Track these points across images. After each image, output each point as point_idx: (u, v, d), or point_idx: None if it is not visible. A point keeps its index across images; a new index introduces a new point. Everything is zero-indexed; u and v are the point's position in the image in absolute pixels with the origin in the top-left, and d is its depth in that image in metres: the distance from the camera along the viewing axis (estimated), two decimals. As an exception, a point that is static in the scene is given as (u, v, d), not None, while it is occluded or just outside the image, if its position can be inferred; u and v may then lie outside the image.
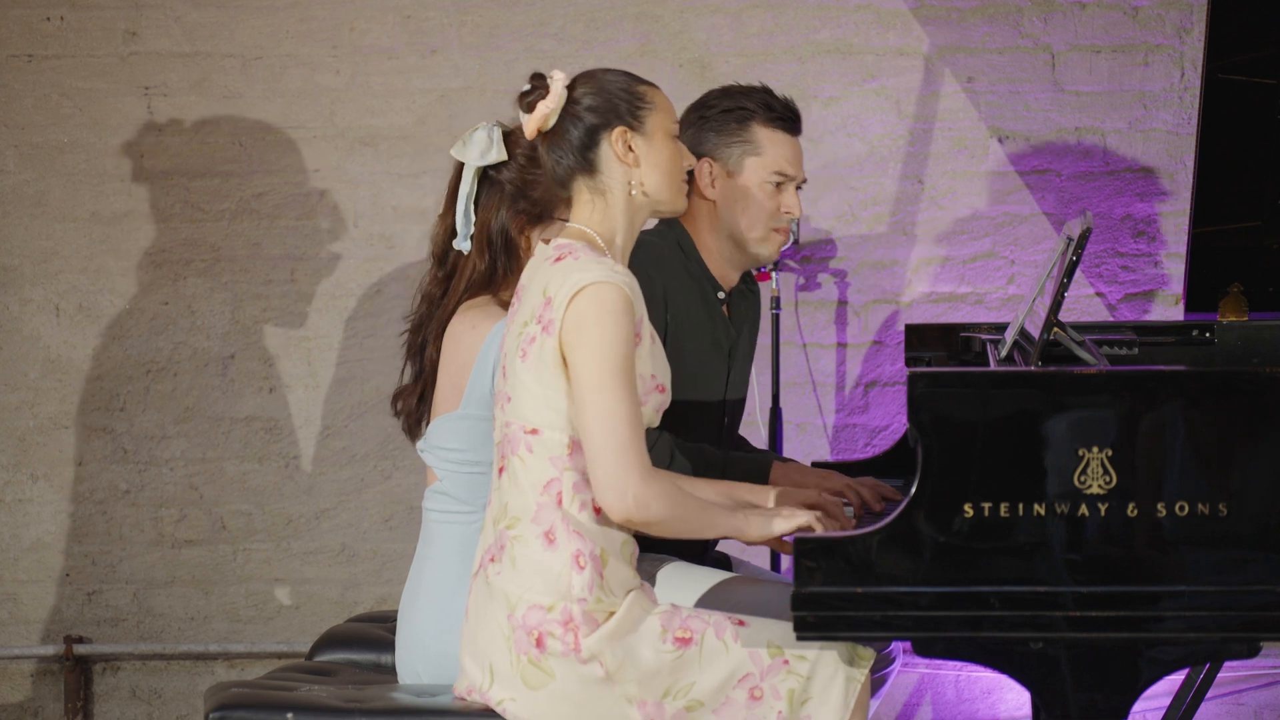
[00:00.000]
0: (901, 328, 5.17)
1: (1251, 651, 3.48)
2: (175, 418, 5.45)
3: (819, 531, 3.51)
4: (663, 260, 4.09)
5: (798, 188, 4.18)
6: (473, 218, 3.82)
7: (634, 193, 3.61)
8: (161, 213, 5.43)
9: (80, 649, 5.45)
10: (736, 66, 5.34)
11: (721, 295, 4.17)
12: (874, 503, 3.98)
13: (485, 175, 3.82)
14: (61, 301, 5.44)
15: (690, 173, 4.13)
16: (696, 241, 4.15)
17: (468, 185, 3.81)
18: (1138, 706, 3.57)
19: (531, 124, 3.61)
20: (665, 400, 3.64)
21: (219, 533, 5.46)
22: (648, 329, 3.56)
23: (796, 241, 5.10)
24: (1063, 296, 3.81)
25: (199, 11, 5.41)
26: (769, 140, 4.12)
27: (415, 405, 3.94)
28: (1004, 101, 5.37)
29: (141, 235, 5.44)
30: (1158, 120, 5.36)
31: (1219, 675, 4.56)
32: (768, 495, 3.78)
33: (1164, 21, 5.34)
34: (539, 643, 3.48)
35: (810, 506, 3.72)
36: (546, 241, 3.63)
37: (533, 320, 3.50)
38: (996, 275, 5.40)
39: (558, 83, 3.59)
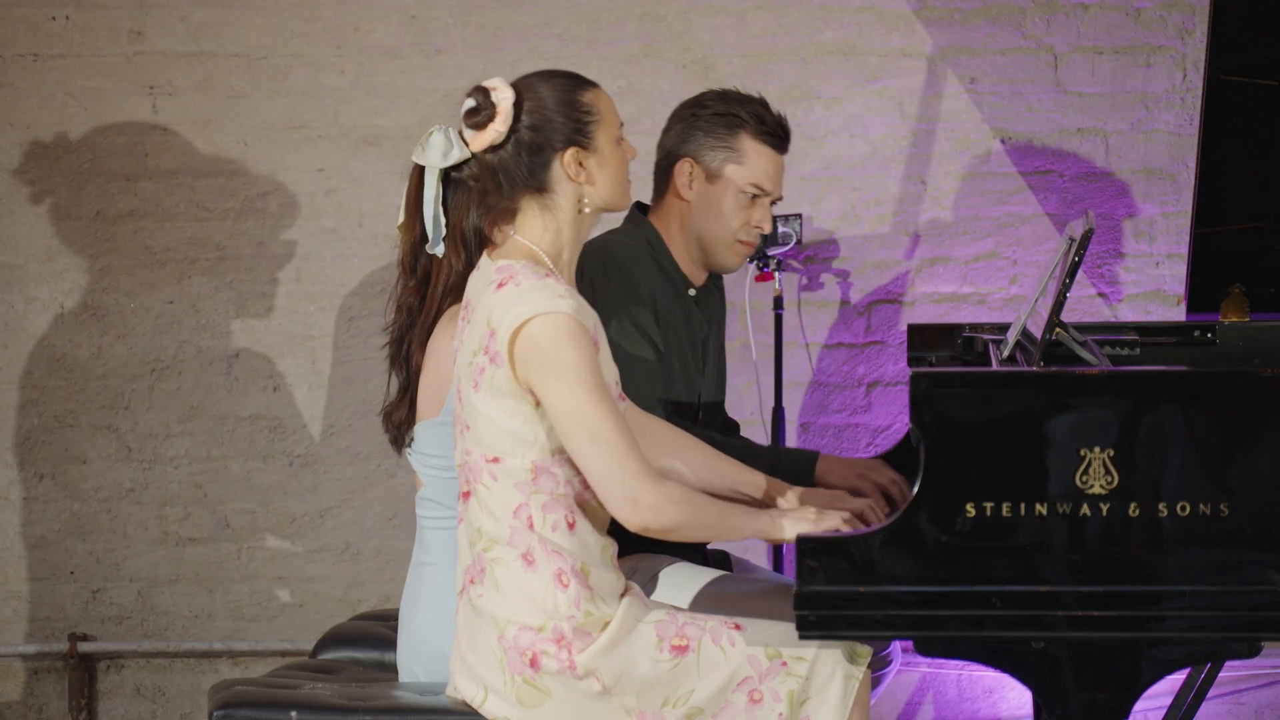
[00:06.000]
0: (904, 328, 5.18)
1: (1252, 651, 3.49)
2: (179, 416, 5.45)
3: (845, 531, 3.52)
4: (638, 259, 4.12)
5: (772, 203, 4.20)
6: (444, 220, 3.75)
7: (585, 209, 3.58)
8: (166, 212, 5.44)
9: (84, 647, 5.46)
10: (740, 67, 5.35)
11: (693, 292, 4.20)
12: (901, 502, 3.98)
13: (449, 176, 3.73)
14: (66, 300, 5.45)
15: (669, 170, 4.17)
16: (666, 240, 4.18)
17: (433, 189, 3.72)
18: (1139, 706, 3.57)
19: (479, 143, 3.57)
20: (626, 406, 3.64)
21: (223, 531, 5.47)
22: (601, 336, 3.54)
23: (799, 242, 5.11)
24: (1065, 297, 3.82)
25: (204, 11, 5.41)
26: (754, 152, 4.14)
27: (404, 417, 3.91)
28: (1006, 102, 5.38)
29: (146, 234, 5.44)
30: (1160, 121, 5.37)
31: (1220, 675, 4.56)
32: (760, 482, 3.78)
33: (1166, 23, 5.35)
34: (533, 662, 3.47)
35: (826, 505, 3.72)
36: (490, 252, 3.59)
37: (480, 351, 3.48)
38: (999, 276, 5.41)
39: (504, 101, 3.54)
